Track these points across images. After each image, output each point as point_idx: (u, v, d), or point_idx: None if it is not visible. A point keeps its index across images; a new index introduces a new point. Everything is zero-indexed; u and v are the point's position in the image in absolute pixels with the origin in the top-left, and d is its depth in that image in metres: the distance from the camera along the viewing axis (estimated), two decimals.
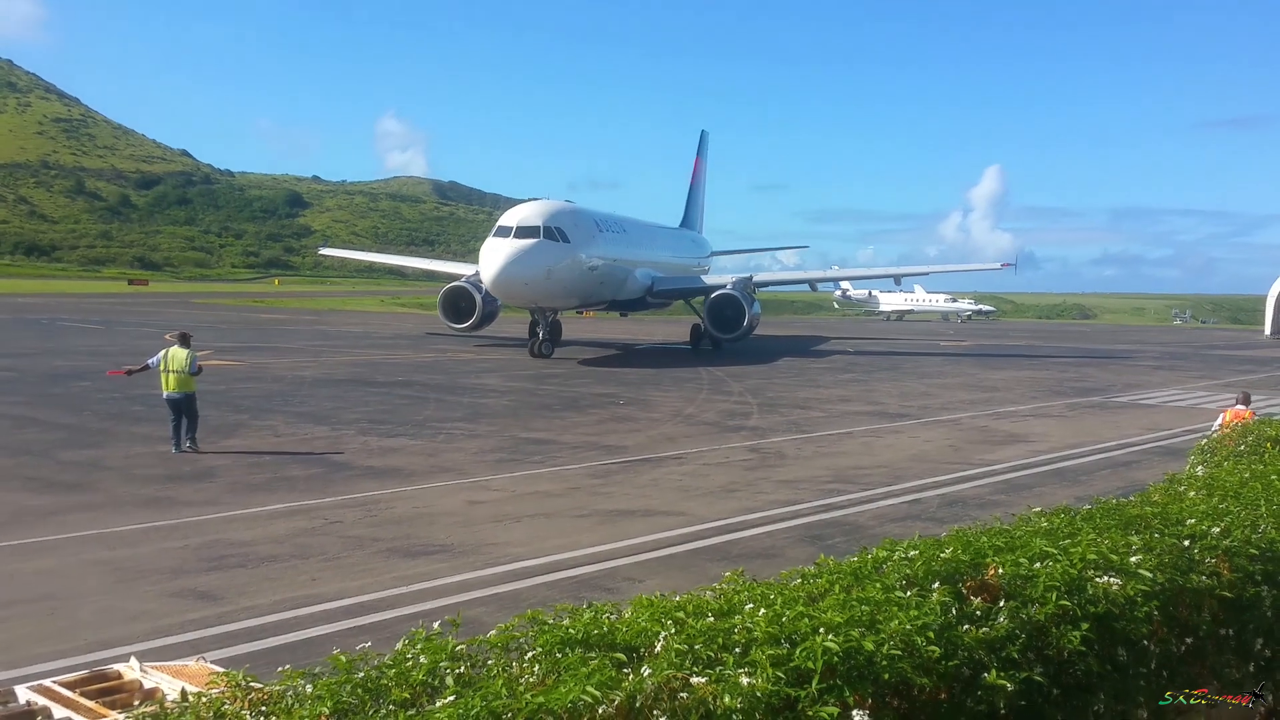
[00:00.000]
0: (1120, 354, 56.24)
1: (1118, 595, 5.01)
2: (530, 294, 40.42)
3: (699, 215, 73.88)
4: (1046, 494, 15.79)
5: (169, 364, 18.26)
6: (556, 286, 40.17)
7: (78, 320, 60.33)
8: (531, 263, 38.65)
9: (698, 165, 74.76)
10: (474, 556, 11.60)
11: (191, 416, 18.27)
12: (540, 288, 39.63)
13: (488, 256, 38.99)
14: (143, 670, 5.46)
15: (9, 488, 14.80)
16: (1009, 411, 27.19)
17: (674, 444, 20.24)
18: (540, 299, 41.02)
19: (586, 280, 42.19)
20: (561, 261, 39.57)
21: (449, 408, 24.89)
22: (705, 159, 76.11)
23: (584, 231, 41.94)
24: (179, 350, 18.47)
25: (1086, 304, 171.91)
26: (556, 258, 39.33)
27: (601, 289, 44.82)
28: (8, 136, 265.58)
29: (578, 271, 40.94)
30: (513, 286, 39.51)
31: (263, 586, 10.27)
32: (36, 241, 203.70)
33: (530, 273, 38.69)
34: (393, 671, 3.79)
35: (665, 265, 53.24)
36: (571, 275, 40.54)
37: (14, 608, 9.44)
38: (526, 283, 39.08)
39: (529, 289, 39.70)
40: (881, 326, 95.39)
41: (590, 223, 43.63)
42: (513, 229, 39.46)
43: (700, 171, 74.92)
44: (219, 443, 18.88)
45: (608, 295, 46.90)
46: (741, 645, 3.95)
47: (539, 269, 38.80)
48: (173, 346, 18.60)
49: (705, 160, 76.12)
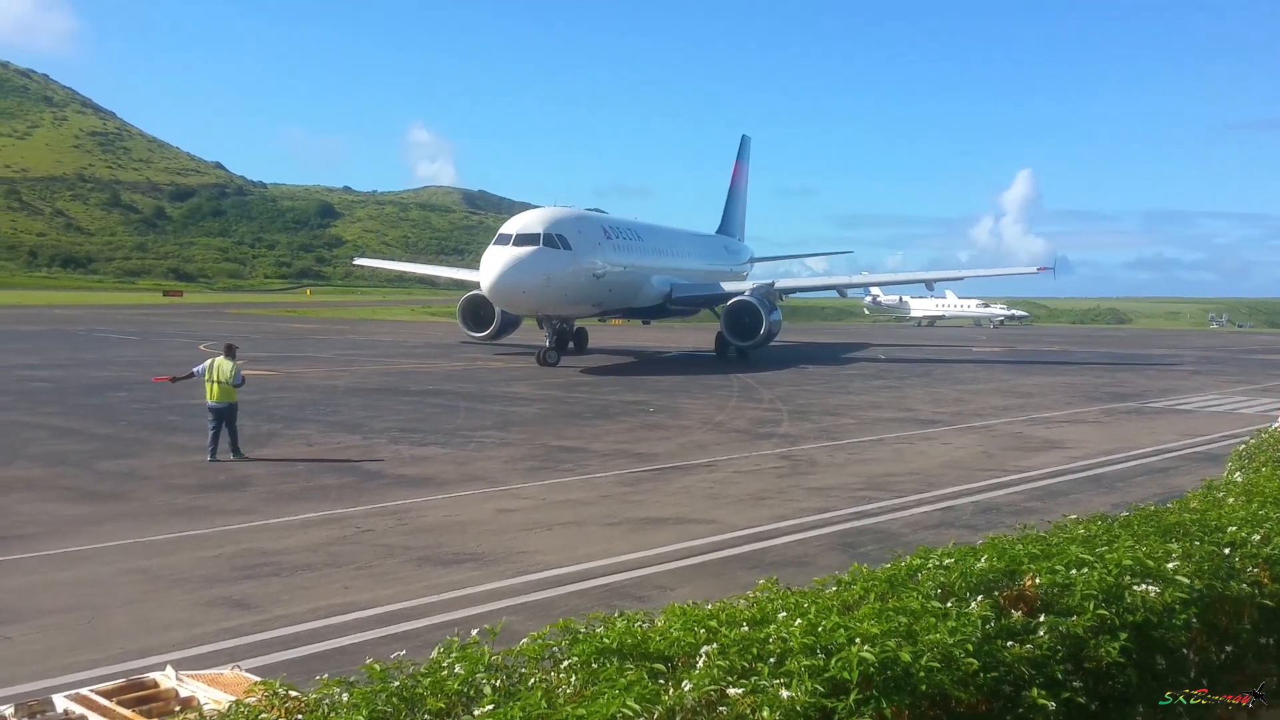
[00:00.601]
0: (1156, 359, 55.73)
1: (1155, 603, 4.95)
2: (530, 301, 40.20)
3: (739, 221, 72.96)
4: (1083, 501, 15.65)
5: (214, 374, 18.70)
6: (558, 294, 39.72)
7: (114, 331, 60.94)
8: (530, 270, 38.30)
9: (737, 170, 73.70)
10: (505, 565, 11.61)
11: (232, 426, 18.70)
12: (540, 295, 39.27)
13: (487, 264, 38.84)
14: (179, 679, 5.48)
15: (47, 498, 14.95)
16: (1043, 417, 26.98)
17: (704, 451, 20.20)
18: (542, 306, 40.72)
19: (593, 287, 41.68)
20: (562, 268, 39.14)
21: (479, 416, 24.95)
22: (747, 164, 75.24)
23: (589, 238, 41.51)
24: (224, 361, 18.95)
25: (1121, 308, 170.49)
26: (557, 265, 38.89)
27: (611, 296, 44.25)
28: (44, 150, 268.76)
29: (581, 278, 40.49)
30: (511, 294, 39.26)
31: (296, 595, 10.31)
32: (73, 254, 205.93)
33: (529, 280, 38.37)
34: (428, 681, 3.79)
35: (690, 272, 52.66)
36: (574, 282, 40.09)
37: (52, 617, 9.52)
38: (525, 290, 38.80)
39: (527, 296, 39.46)
40: (913, 332, 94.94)
41: (597, 229, 43.17)
42: (513, 236, 39.29)
43: (740, 177, 73.90)
44: (253, 451, 19.01)
45: (620, 303, 46.40)
46: (777, 655, 3.93)
47: (538, 276, 38.43)
48: (218, 357, 19.07)
49: (746, 165, 75.10)
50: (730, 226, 71.48)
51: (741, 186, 74.12)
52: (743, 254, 68.63)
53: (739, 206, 73.28)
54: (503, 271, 38.06)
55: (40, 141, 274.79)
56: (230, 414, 18.68)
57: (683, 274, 51.37)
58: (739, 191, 73.55)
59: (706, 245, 61.05)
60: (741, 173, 74.14)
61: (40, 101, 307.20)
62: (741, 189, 74.04)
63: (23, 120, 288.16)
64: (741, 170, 74.23)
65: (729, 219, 71.85)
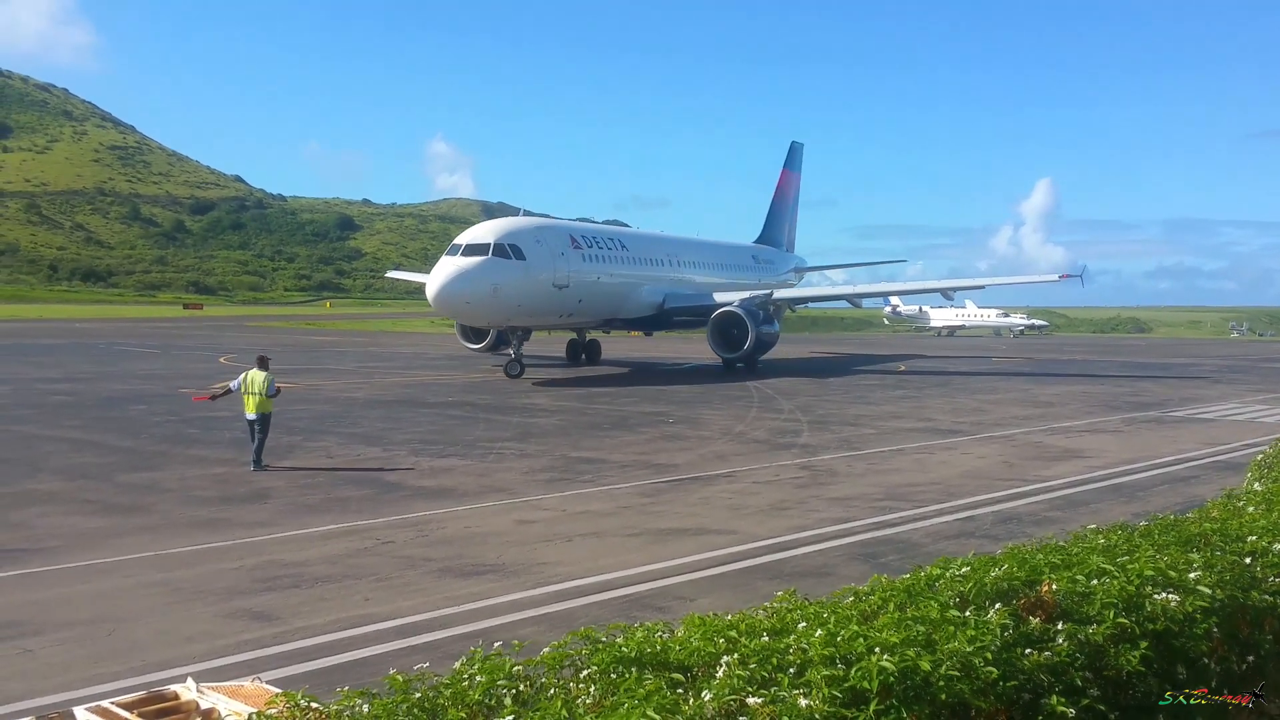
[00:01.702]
0: (1177, 368, 55.40)
1: (1176, 612, 4.93)
2: (475, 312, 39.67)
3: (784, 230, 71.03)
4: (1103, 510, 15.57)
5: (249, 386, 19.16)
6: (509, 304, 38.80)
7: (134, 345, 61.27)
8: (475, 281, 37.67)
9: (784, 178, 71.70)
10: (525, 576, 11.62)
11: (264, 434, 19.09)
12: (488, 306, 38.52)
13: (432, 275, 38.59)
14: (199, 691, 5.51)
15: (68, 510, 15.03)
16: (1064, 427, 26.86)
17: (724, 462, 20.18)
18: (491, 317, 40.19)
19: (555, 298, 40.69)
20: (513, 279, 38.29)
21: (499, 427, 24.99)
22: (796, 172, 73.31)
23: (548, 248, 40.49)
24: (258, 373, 19.39)
25: (1141, 317, 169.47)
26: (506, 275, 38.11)
27: (584, 307, 43.20)
28: (65, 164, 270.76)
29: (537, 289, 39.52)
30: (454, 305, 38.85)
31: (317, 607, 10.34)
32: (94, 267, 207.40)
33: (473, 291, 37.71)
34: (449, 691, 3.81)
35: (695, 282, 51.15)
36: (527, 293, 39.08)
37: (73, 629, 9.57)
38: (469, 301, 38.23)
39: (472, 307, 38.93)
40: (932, 342, 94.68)
41: (561, 239, 42.00)
42: (462, 247, 39.06)
43: (788, 185, 71.97)
44: (274, 463, 19.08)
45: (598, 313, 45.40)
46: (796, 665, 3.93)
47: (484, 287, 37.71)
48: (252, 370, 19.49)
49: (797, 173, 73.49)
50: (773, 236, 69.80)
51: (789, 195, 72.15)
52: (782, 264, 66.84)
53: (785, 215, 71.48)
54: (446, 282, 37.63)
55: (60, 155, 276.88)
56: (265, 424, 19.10)
57: (686, 284, 50.27)
58: (785, 200, 71.73)
59: (726, 255, 59.59)
60: (789, 181, 72.18)
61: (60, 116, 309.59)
62: (789, 197, 72.11)
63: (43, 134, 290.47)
64: (789, 178, 72.21)
65: (771, 228, 70.26)
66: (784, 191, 71.66)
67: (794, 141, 73.33)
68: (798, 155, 73.54)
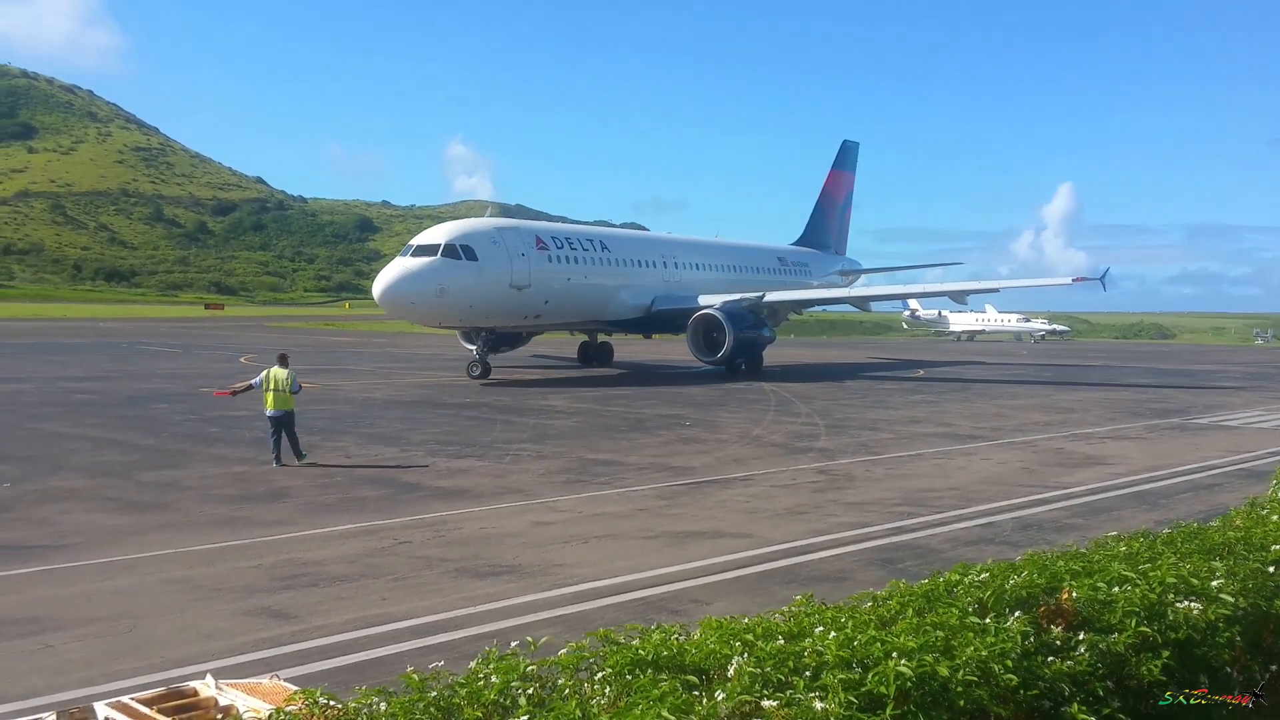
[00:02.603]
0: (1200, 374, 55.06)
1: (1199, 620, 4.90)
2: (421, 313, 39.62)
3: (831, 231, 69.28)
4: (1125, 518, 15.48)
5: (270, 384, 19.47)
6: (458, 306, 38.54)
7: (156, 344, 61.62)
8: (420, 282, 37.61)
9: (832, 179, 69.78)
10: (541, 577, 11.62)
11: (291, 432, 19.49)
12: (434, 307, 38.41)
13: (379, 275, 38.68)
14: (218, 688, 5.53)
15: (90, 508, 15.12)
16: (1085, 433, 26.72)
17: (741, 465, 20.14)
18: (441, 318, 40.04)
19: (514, 299, 40.16)
20: (461, 280, 37.98)
21: (516, 429, 25.02)
22: (847, 171, 71.37)
23: (506, 249, 39.94)
24: (279, 370, 19.71)
25: (1164, 323, 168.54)
26: (454, 276, 37.85)
27: (551, 309, 42.46)
28: (89, 165, 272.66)
29: (491, 290, 39.12)
30: (398, 305, 38.78)
31: (334, 605, 10.37)
32: (117, 267, 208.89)
33: (416, 292, 37.68)
34: (465, 691, 3.81)
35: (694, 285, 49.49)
36: (479, 294, 38.75)
37: (94, 625, 9.62)
38: (414, 302, 38.23)
39: (416, 308, 38.90)
40: (952, 346, 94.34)
41: (524, 240, 41.34)
42: (413, 247, 39.11)
43: (838, 185, 69.90)
44: (293, 462, 19.16)
45: (572, 315, 44.78)
46: (812, 669, 3.91)
47: (429, 288, 37.58)
48: (274, 367, 19.82)
49: (850, 173, 71.45)
50: (817, 237, 68.10)
51: (838, 195, 70.09)
52: (822, 266, 64.85)
53: (832, 216, 69.58)
54: (390, 283, 37.71)
55: (85, 157, 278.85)
56: (288, 421, 19.45)
57: (681, 286, 48.91)
58: (833, 201, 69.69)
59: (739, 256, 57.70)
60: (838, 181, 70.16)
61: (85, 117, 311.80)
62: (838, 198, 70.05)
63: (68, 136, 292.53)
64: (838, 178, 70.19)
65: (815, 229, 68.53)
66: (831, 192, 69.66)
67: (846, 141, 71.24)
68: (850, 155, 71.47)
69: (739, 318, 44.14)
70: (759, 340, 46.06)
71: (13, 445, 21.11)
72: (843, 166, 70.74)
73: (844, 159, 70.86)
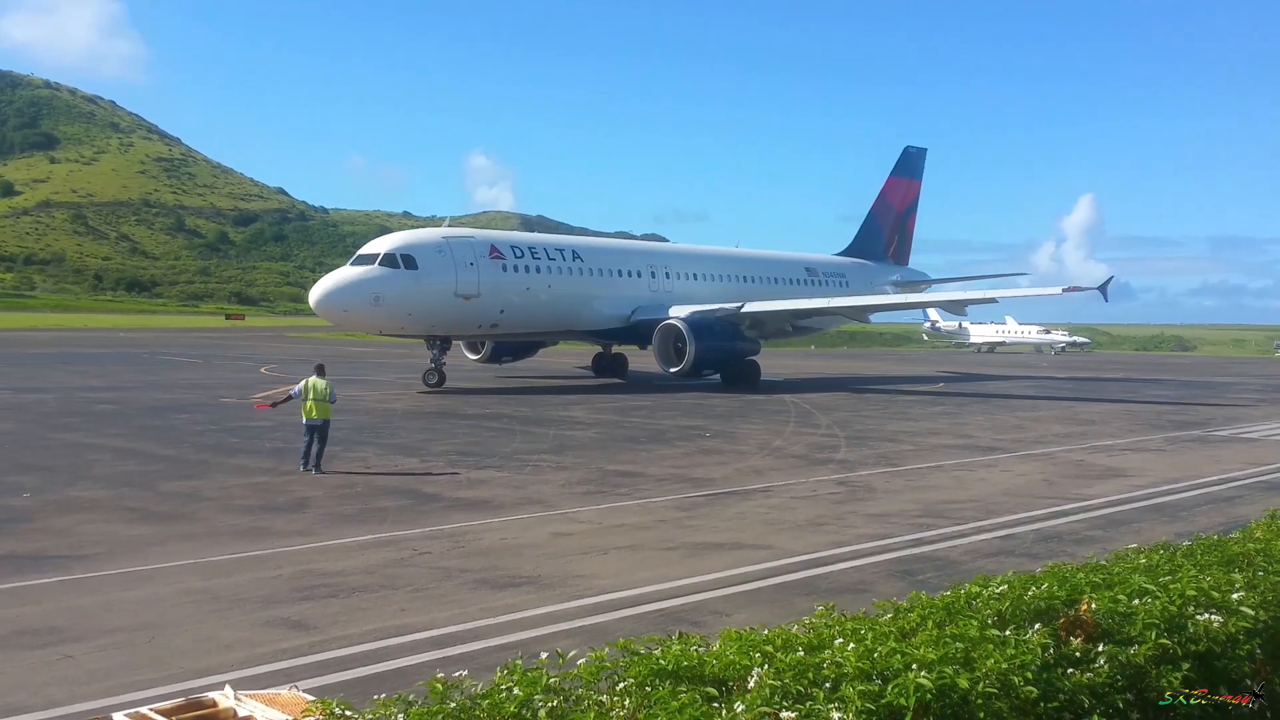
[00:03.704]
0: (1220, 387, 54.74)
1: (1219, 633, 4.87)
2: (356, 321, 40.17)
3: (885, 240, 66.53)
4: (1145, 530, 15.39)
5: (310, 393, 20.12)
6: (396, 314, 38.64)
7: (177, 354, 61.94)
8: (354, 290, 37.89)
9: (890, 186, 66.96)
10: (561, 589, 11.62)
11: (323, 441, 19.99)
12: (367, 315, 38.74)
13: (317, 283, 39.12)
14: (237, 698, 5.55)
15: (111, 518, 15.19)
16: (1105, 445, 26.58)
17: (761, 476, 20.11)
18: (379, 326, 40.22)
19: (461, 309, 39.99)
20: (399, 289, 38.04)
21: (536, 439, 25.04)
22: (914, 179, 68.56)
23: (452, 259, 39.79)
24: (319, 380, 20.40)
25: (1185, 335, 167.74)
26: (390, 285, 37.96)
27: (509, 317, 42.21)
28: (111, 176, 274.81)
29: (433, 299, 39.07)
30: (332, 313, 39.05)
31: (354, 616, 10.39)
32: (138, 278, 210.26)
33: (349, 300, 38.02)
34: (486, 703, 3.81)
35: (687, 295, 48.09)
36: (419, 303, 38.76)
37: (114, 635, 9.66)
38: (345, 310, 38.58)
39: (349, 316, 39.34)
40: (972, 358, 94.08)
41: (475, 250, 40.96)
42: (355, 256, 39.59)
43: (896, 192, 67.03)
44: (312, 474, 19.23)
45: (538, 324, 44.42)
46: (832, 680, 3.91)
47: (362, 297, 37.82)
48: (312, 377, 20.52)
49: (914, 180, 68.64)
50: (869, 247, 65.49)
51: (895, 203, 67.10)
52: (867, 276, 61.76)
53: (888, 225, 66.88)
54: (325, 292, 38.13)
55: (107, 167, 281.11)
56: (324, 429, 20.02)
57: (671, 296, 47.70)
58: (890, 208, 66.96)
59: (751, 267, 55.51)
60: (897, 188, 67.23)
61: (107, 128, 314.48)
62: (895, 206, 67.08)
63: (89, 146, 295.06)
64: (897, 185, 67.26)
65: (867, 239, 66.02)
66: (888, 200, 67.08)
67: (909, 147, 68.26)
68: (914, 162, 68.70)
69: (706, 328, 43.06)
70: (735, 351, 44.81)
71: (34, 455, 21.24)
72: (904, 173, 67.95)
73: (906, 166, 68.11)
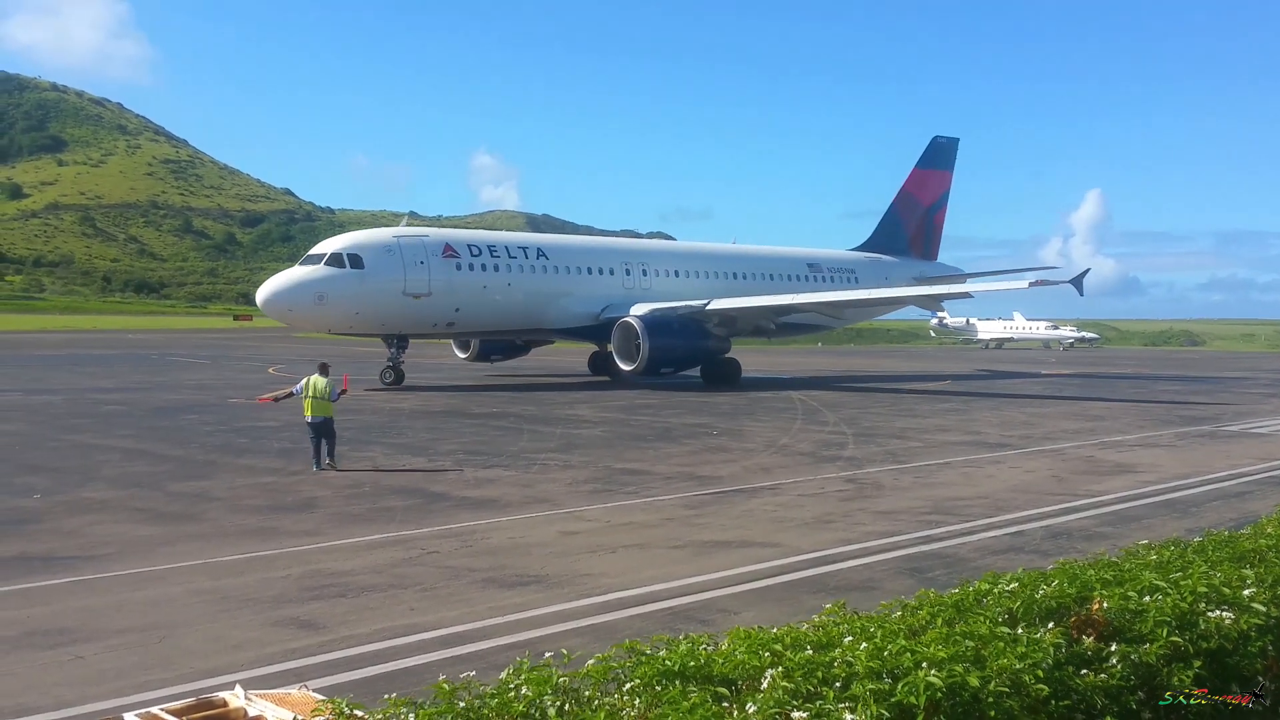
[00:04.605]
0: (1230, 381, 54.61)
1: (1230, 630, 4.85)
2: (301, 319, 40.80)
3: (909, 235, 63.91)
4: (1156, 526, 15.35)
5: (311, 391, 20.18)
6: (342, 313, 39.16)
7: (185, 355, 62.07)
8: (298, 290, 38.43)
9: (915, 178, 64.24)
10: (569, 587, 11.62)
11: (330, 438, 20.14)
12: (312, 314, 39.41)
13: (264, 283, 39.63)
14: (247, 698, 5.55)
15: (120, 519, 15.22)
16: (1115, 441, 26.52)
17: (768, 474, 20.10)
18: (327, 324, 40.75)
19: (411, 307, 40.00)
20: (341, 288, 38.36)
21: (543, 438, 25.05)
22: (942, 170, 65.47)
23: (402, 258, 39.87)
24: (319, 378, 20.44)
25: (1194, 330, 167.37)
26: (335, 285, 38.34)
27: (465, 316, 42.13)
28: (118, 178, 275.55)
29: (381, 298, 39.24)
30: (277, 311, 39.61)
31: (362, 616, 10.40)
32: (146, 279, 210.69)
33: (294, 299, 38.61)
34: (495, 702, 3.81)
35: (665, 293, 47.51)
36: (366, 302, 39.02)
37: (124, 635, 9.68)
38: (290, 308, 39.18)
39: (294, 314, 39.91)
40: (980, 355, 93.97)
41: (428, 249, 40.90)
42: (304, 256, 40.07)
43: (922, 185, 64.23)
44: (320, 474, 19.26)
45: (499, 323, 44.29)
46: (842, 679, 3.90)
47: (306, 296, 38.34)
48: (314, 375, 20.56)
49: (942, 172, 65.51)
50: (890, 242, 63.02)
51: (922, 196, 64.35)
52: (879, 272, 59.16)
53: (913, 219, 64.28)
54: (270, 291, 38.74)
55: (114, 169, 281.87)
56: (327, 427, 20.10)
57: (648, 294, 47.18)
58: (917, 201, 64.25)
59: (747, 264, 54.34)
60: (924, 180, 64.42)
61: (114, 130, 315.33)
62: (921, 199, 64.35)
63: (97, 148, 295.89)
64: (923, 178, 64.43)
65: (888, 234, 63.47)
66: (913, 193, 64.23)
67: (937, 137, 64.88)
68: (944, 153, 65.40)
69: (663, 326, 42.62)
70: (697, 349, 44.37)
71: (44, 456, 21.30)
72: (932, 165, 65.05)
73: (935, 156, 65.05)
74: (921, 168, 64.76)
